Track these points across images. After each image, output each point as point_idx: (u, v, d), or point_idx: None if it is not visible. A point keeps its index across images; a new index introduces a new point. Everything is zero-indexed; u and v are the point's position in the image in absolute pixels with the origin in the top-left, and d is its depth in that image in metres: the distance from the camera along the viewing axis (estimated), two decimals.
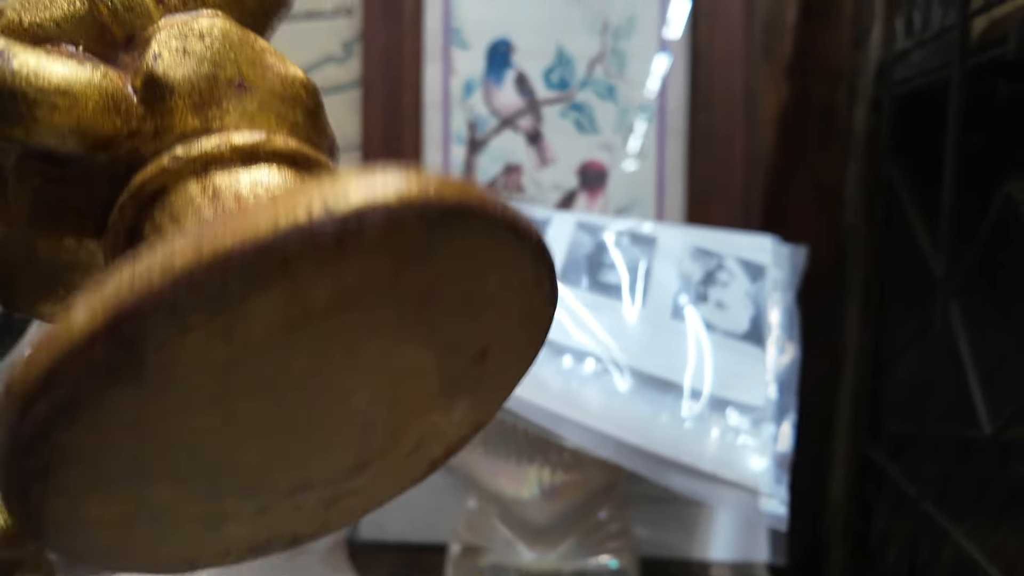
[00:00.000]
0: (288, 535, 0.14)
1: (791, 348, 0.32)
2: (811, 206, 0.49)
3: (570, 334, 0.31)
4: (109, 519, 0.11)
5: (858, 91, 0.47)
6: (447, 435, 0.14)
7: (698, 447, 0.28)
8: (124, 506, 0.11)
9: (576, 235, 0.36)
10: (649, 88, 0.48)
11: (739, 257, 0.35)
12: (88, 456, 0.10)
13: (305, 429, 0.12)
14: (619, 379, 0.29)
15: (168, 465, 0.11)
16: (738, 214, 0.47)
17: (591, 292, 0.33)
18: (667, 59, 0.48)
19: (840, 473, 0.47)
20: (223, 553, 0.13)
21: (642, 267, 0.34)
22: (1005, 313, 0.37)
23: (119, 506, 0.11)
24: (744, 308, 0.33)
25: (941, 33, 0.37)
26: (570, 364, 0.30)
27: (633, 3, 0.48)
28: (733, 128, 0.47)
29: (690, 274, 0.34)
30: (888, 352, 0.47)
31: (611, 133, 0.48)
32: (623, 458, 0.28)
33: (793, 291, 0.35)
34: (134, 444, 0.10)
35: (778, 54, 0.48)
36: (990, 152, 0.39)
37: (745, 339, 0.32)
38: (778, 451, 0.28)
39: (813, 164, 0.49)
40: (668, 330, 0.32)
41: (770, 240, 0.37)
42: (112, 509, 0.11)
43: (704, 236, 0.37)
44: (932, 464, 0.37)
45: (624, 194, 0.48)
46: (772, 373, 0.31)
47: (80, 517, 0.11)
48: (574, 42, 0.48)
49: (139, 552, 0.12)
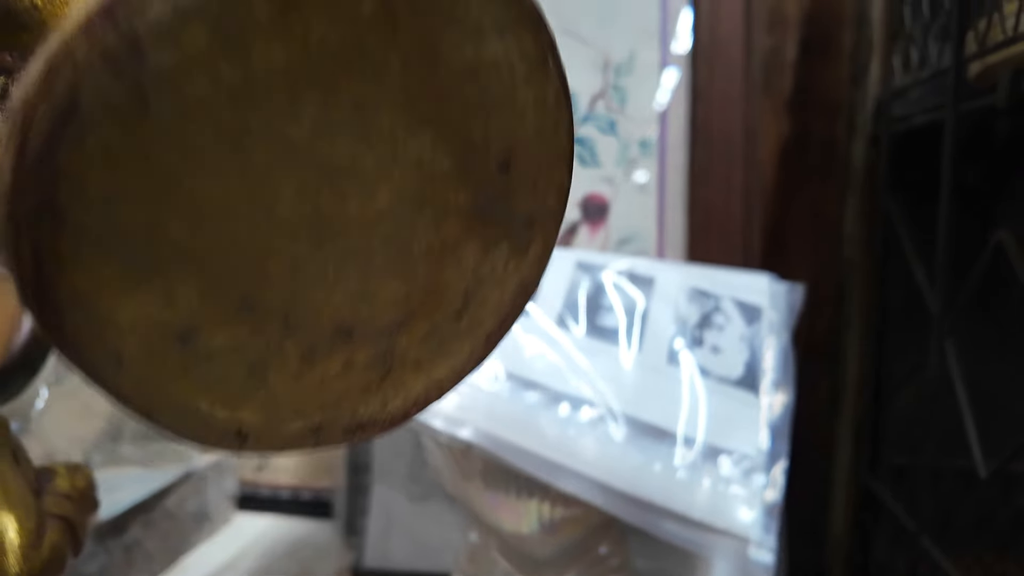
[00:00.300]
0: (346, 414, 0.13)
1: (785, 394, 0.33)
2: (811, 238, 0.49)
3: (568, 381, 0.31)
4: (130, 321, 0.10)
5: (857, 126, 0.47)
6: (494, 299, 0.14)
7: (689, 496, 0.28)
8: (146, 304, 0.10)
9: (575, 275, 0.37)
10: (650, 123, 0.48)
11: (736, 298, 0.36)
12: (98, 198, 0.09)
13: (332, 230, 0.11)
14: (614, 428, 0.30)
15: (190, 243, 0.10)
16: (738, 246, 0.48)
17: (589, 337, 0.34)
18: (668, 95, 0.48)
19: (840, 505, 0.48)
20: (273, 426, 0.12)
21: (639, 309, 0.35)
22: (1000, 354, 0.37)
23: (141, 302, 0.10)
24: (739, 352, 0.34)
25: (937, 74, 0.38)
26: (567, 412, 0.30)
27: (634, 41, 0.48)
28: (732, 163, 0.47)
29: (686, 317, 0.35)
30: (888, 384, 0.47)
31: (612, 167, 0.49)
32: (615, 506, 0.29)
33: (789, 332, 0.36)
34: (146, 197, 0.10)
35: (778, 89, 0.49)
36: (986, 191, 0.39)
37: (739, 385, 0.32)
38: (768, 500, 0.29)
39: (813, 197, 0.49)
40: (664, 376, 0.32)
41: (767, 279, 0.37)
42: (133, 304, 0.10)
43: (702, 276, 0.37)
44: (932, 497, 0.37)
45: (625, 226, 0.49)
46: (765, 420, 0.31)
47: (97, 310, 0.10)
48: (576, 78, 0.49)
49: (171, 394, 0.11)
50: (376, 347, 0.13)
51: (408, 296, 0.13)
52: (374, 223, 0.12)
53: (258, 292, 0.11)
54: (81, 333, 0.10)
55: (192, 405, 0.11)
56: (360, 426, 0.13)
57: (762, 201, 0.49)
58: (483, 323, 0.14)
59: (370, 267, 0.12)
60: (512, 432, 0.29)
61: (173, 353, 0.11)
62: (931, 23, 0.39)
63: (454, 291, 0.13)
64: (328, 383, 0.13)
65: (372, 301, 0.12)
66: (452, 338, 0.14)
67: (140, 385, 0.11)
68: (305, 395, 0.12)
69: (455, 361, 0.14)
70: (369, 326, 0.13)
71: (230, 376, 0.12)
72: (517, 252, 0.14)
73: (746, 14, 0.47)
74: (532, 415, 0.30)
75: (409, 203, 0.12)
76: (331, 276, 0.12)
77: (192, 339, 0.11)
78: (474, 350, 0.14)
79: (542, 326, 0.34)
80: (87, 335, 0.10)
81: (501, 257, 0.14)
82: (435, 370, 0.14)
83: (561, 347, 0.33)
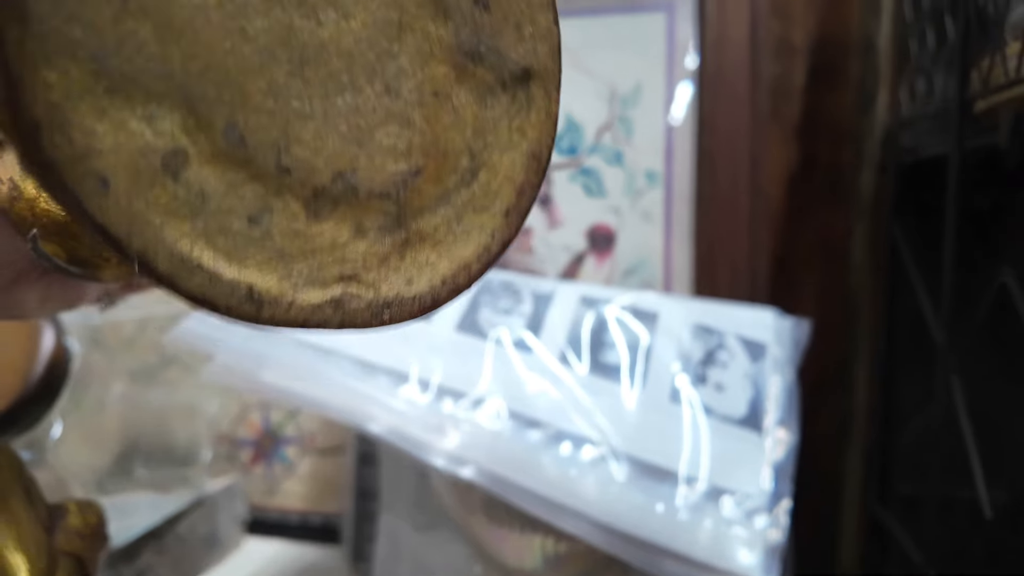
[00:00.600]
0: (368, 289, 0.13)
1: (789, 433, 0.33)
2: (818, 265, 0.49)
3: (570, 419, 0.32)
4: (112, 143, 0.10)
5: (865, 154, 0.47)
6: (505, 165, 0.14)
7: (691, 536, 0.28)
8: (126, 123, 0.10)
9: (579, 310, 0.37)
10: (656, 154, 0.49)
11: (740, 335, 0.36)
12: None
13: (310, 53, 0.11)
14: (616, 468, 0.30)
15: (162, 54, 0.10)
16: (744, 275, 0.48)
17: (592, 374, 0.34)
18: (674, 126, 0.49)
19: (849, 535, 0.47)
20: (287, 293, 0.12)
21: (643, 346, 0.35)
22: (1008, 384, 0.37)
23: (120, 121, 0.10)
24: (743, 390, 0.34)
25: (942, 110, 0.38)
26: (569, 451, 0.30)
27: (640, 73, 0.49)
28: (738, 192, 0.47)
29: (690, 353, 0.35)
30: (898, 413, 0.46)
31: (619, 197, 0.49)
32: (616, 546, 0.29)
33: (794, 368, 0.36)
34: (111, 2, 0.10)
35: (786, 116, 0.49)
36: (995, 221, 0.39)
37: (743, 424, 0.32)
38: (771, 540, 0.29)
39: (820, 225, 0.49)
40: (666, 415, 0.32)
41: (772, 315, 0.37)
42: (112, 124, 0.10)
43: (706, 311, 0.38)
44: (941, 528, 0.37)
45: (632, 256, 0.49)
46: (769, 460, 0.31)
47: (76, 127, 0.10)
48: (583, 110, 0.49)
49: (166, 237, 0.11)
50: (385, 208, 0.13)
51: (409, 147, 0.13)
52: (353, 50, 0.12)
53: (243, 120, 0.11)
54: (61, 153, 0.10)
55: (192, 254, 0.11)
56: (386, 304, 0.13)
57: (769, 229, 0.49)
58: (499, 194, 0.14)
59: (359, 104, 0.12)
60: (514, 471, 0.30)
61: (162, 184, 0.11)
62: (936, 55, 0.39)
63: (457, 147, 0.13)
64: (343, 248, 0.12)
65: (369, 146, 0.12)
66: (468, 211, 0.14)
67: (131, 219, 0.10)
68: (318, 260, 0.12)
69: (477, 239, 0.14)
70: (372, 179, 0.12)
71: (229, 225, 0.11)
72: (518, 110, 0.14)
73: (752, 42, 0.47)
74: (534, 454, 0.30)
75: (386, 29, 0.12)
76: (317, 110, 0.12)
77: (180, 170, 0.11)
78: (495, 228, 0.14)
79: (545, 363, 0.34)
80: (68, 156, 0.10)
81: (501, 112, 0.14)
82: (457, 248, 0.14)
83: (564, 384, 0.33)
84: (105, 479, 0.46)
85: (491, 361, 0.34)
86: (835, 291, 0.49)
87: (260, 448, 0.54)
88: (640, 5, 0.48)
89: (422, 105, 0.13)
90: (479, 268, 0.14)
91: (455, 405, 0.32)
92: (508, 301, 0.37)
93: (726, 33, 0.47)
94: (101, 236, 0.10)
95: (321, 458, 0.53)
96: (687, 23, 0.48)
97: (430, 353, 0.34)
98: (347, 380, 0.32)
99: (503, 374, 0.33)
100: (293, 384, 0.33)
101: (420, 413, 0.31)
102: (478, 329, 0.35)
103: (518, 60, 0.14)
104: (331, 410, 0.32)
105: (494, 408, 0.32)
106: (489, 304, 0.37)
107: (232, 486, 0.51)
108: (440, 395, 0.32)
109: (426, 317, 0.14)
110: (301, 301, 0.12)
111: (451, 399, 0.32)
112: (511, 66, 0.14)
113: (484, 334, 0.35)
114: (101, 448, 0.46)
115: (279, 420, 0.54)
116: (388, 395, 0.32)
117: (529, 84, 0.14)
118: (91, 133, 0.10)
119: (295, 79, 0.11)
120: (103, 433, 0.46)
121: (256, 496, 0.54)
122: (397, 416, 0.31)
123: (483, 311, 0.37)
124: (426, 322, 0.36)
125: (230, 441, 0.55)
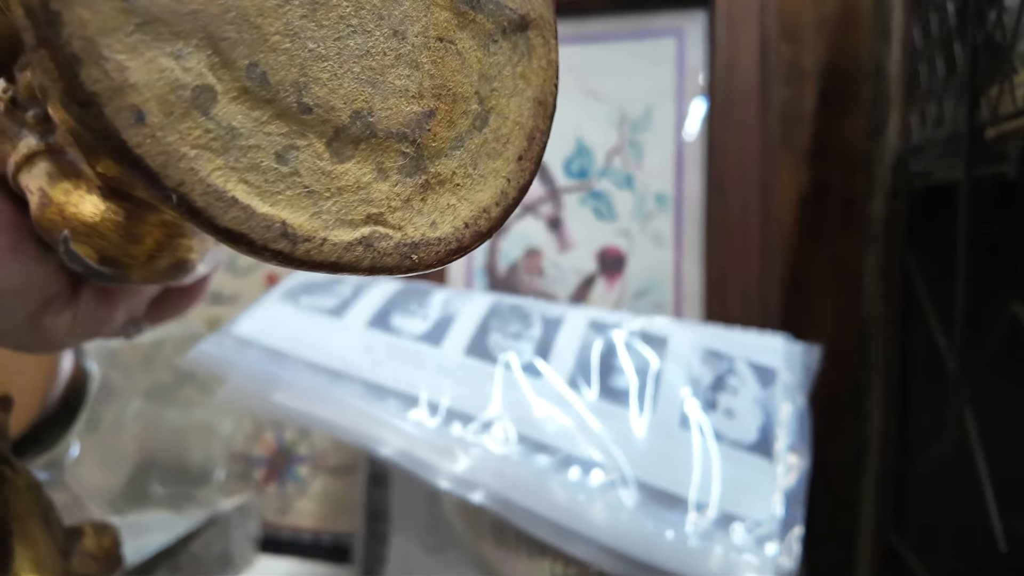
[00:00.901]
0: (394, 230, 0.13)
1: (800, 459, 0.32)
2: (830, 291, 0.49)
3: (579, 444, 0.32)
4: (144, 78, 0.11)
5: (876, 179, 0.47)
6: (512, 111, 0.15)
7: (701, 564, 0.28)
8: (157, 60, 0.11)
9: (588, 335, 0.37)
10: (666, 178, 0.49)
11: (750, 360, 0.36)
12: None
13: None
14: (625, 493, 0.30)
15: None
16: (755, 299, 0.47)
17: (601, 399, 0.34)
18: (686, 142, 0.49)
19: (864, 563, 0.47)
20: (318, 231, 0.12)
21: (652, 371, 0.35)
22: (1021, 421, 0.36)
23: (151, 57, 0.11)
24: (753, 416, 0.33)
25: (952, 137, 0.38)
26: (577, 476, 0.31)
27: (650, 97, 0.49)
28: (748, 216, 0.48)
29: (700, 378, 0.35)
30: (914, 439, 0.46)
31: (629, 220, 0.49)
32: (626, 573, 0.29)
33: (805, 394, 0.36)
34: None
35: (796, 141, 0.49)
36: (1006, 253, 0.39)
37: (753, 450, 0.32)
38: (782, 568, 0.29)
39: (832, 250, 0.49)
40: (676, 440, 0.32)
41: (782, 341, 0.37)
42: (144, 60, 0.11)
43: (716, 336, 0.38)
44: (957, 559, 0.36)
45: (642, 279, 0.49)
46: (780, 487, 0.31)
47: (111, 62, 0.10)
48: (593, 134, 0.50)
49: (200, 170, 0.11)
50: (404, 150, 0.13)
51: (420, 89, 0.14)
52: None
53: (264, 59, 0.12)
54: (100, 86, 0.11)
55: (226, 189, 0.12)
56: (414, 245, 0.13)
57: (781, 253, 0.49)
58: (510, 139, 0.15)
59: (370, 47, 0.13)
60: (522, 496, 0.30)
61: (193, 118, 0.11)
62: (946, 82, 0.39)
63: (466, 91, 0.14)
64: (367, 188, 0.13)
65: (383, 88, 0.13)
66: (482, 154, 0.14)
67: (166, 152, 0.11)
68: (345, 199, 0.13)
69: (494, 184, 0.15)
70: (389, 120, 0.13)
71: (259, 161, 0.12)
72: (520, 57, 0.15)
73: (762, 66, 0.48)
74: (542, 479, 0.30)
75: None
76: (331, 52, 0.12)
77: (210, 106, 0.11)
78: (510, 173, 0.15)
79: (554, 387, 0.34)
80: (105, 88, 0.11)
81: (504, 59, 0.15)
82: (475, 192, 0.14)
83: (573, 409, 0.33)
84: (120, 498, 0.47)
85: (500, 385, 0.34)
86: (848, 317, 0.49)
87: (273, 466, 0.55)
88: (650, 31, 0.49)
89: (428, 49, 0.14)
90: (499, 213, 0.15)
91: (464, 429, 0.32)
92: (518, 325, 0.37)
93: (736, 57, 0.48)
94: (137, 171, 0.11)
95: (333, 477, 0.53)
96: (697, 48, 0.49)
97: (439, 376, 0.34)
98: (357, 403, 0.33)
99: (512, 398, 0.33)
100: (304, 406, 0.33)
101: (429, 436, 0.32)
102: (487, 353, 0.36)
103: (515, 8, 0.15)
104: (342, 432, 0.32)
105: (503, 432, 0.32)
106: (499, 328, 0.37)
107: (245, 505, 0.51)
108: (449, 418, 0.33)
109: (453, 260, 0.14)
110: (333, 238, 0.13)
111: (460, 423, 0.32)
112: (509, 14, 0.15)
113: (493, 358, 0.35)
114: (118, 467, 0.47)
115: (293, 438, 0.54)
116: (397, 418, 0.32)
117: (527, 32, 0.15)
118: (125, 68, 0.11)
119: (308, 21, 0.12)
120: (120, 452, 0.47)
121: (269, 514, 0.54)
122: (406, 439, 0.31)
123: (493, 335, 0.37)
124: (436, 345, 0.36)
125: (244, 459, 0.55)
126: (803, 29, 0.49)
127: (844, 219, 0.49)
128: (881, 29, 0.46)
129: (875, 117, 0.47)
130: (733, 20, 0.47)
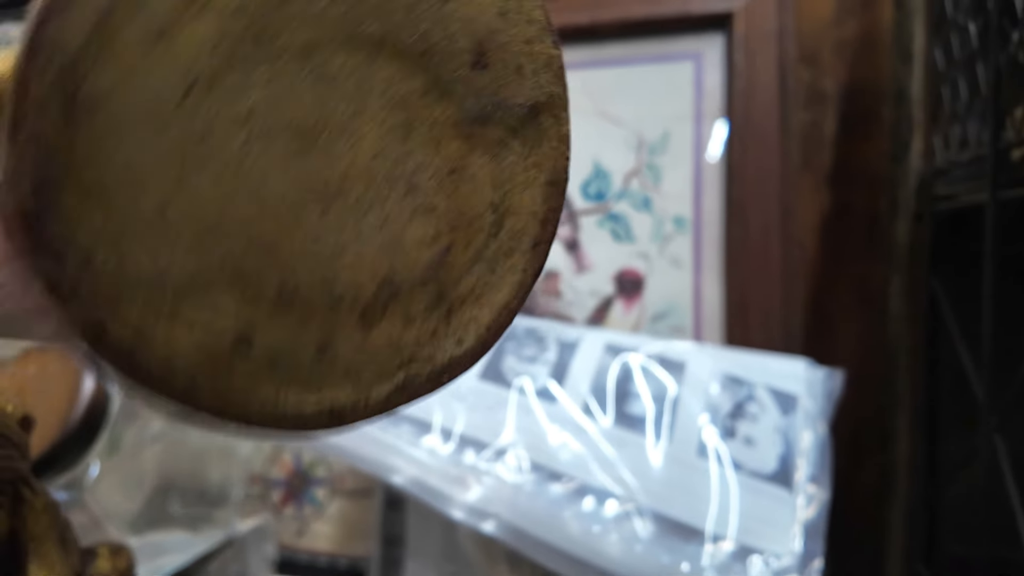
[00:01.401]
0: (425, 365, 0.13)
1: (821, 490, 0.32)
2: (855, 315, 0.48)
3: (593, 472, 0.31)
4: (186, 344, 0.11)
5: (899, 203, 0.46)
6: (526, 203, 0.14)
7: None
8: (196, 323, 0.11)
9: (603, 358, 0.37)
10: (684, 200, 0.49)
11: (770, 386, 0.35)
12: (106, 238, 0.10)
13: (332, 189, 0.12)
14: (640, 524, 0.29)
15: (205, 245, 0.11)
16: (777, 323, 0.47)
17: (616, 426, 0.33)
18: (702, 173, 0.49)
19: None
20: (361, 397, 0.13)
21: (670, 396, 0.35)
22: None
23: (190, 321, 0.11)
24: (773, 445, 0.33)
25: (976, 159, 0.37)
26: (591, 506, 0.30)
27: (668, 120, 0.49)
28: (769, 240, 0.47)
29: (719, 405, 0.34)
30: (944, 467, 0.45)
31: (647, 242, 0.49)
32: None
33: (827, 422, 0.35)
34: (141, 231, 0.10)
35: (818, 164, 0.49)
36: None
37: (772, 480, 0.32)
38: None
39: (856, 274, 0.48)
40: (693, 470, 0.32)
41: (803, 365, 0.37)
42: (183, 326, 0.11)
43: (735, 361, 0.37)
44: None
45: (661, 302, 0.49)
46: (800, 519, 0.30)
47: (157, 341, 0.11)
48: (611, 157, 0.50)
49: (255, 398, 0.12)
50: (427, 292, 0.13)
51: (436, 232, 0.13)
52: (370, 166, 0.12)
53: (292, 273, 0.12)
54: (155, 367, 0.11)
55: (280, 401, 0.12)
56: (444, 368, 0.13)
57: (804, 277, 0.48)
58: (524, 232, 0.14)
59: (387, 214, 0.12)
60: (535, 526, 0.29)
61: (241, 357, 0.11)
62: (970, 103, 0.39)
63: (480, 209, 0.14)
64: (397, 341, 0.13)
65: (403, 247, 0.13)
66: (499, 257, 0.14)
67: (222, 400, 0.11)
68: (381, 359, 0.13)
69: (512, 279, 0.14)
70: (411, 273, 0.13)
71: (301, 362, 0.12)
72: (532, 147, 0.14)
73: (781, 90, 0.47)
74: (556, 509, 0.30)
75: (396, 134, 0.12)
76: (352, 236, 0.12)
77: (252, 339, 0.11)
78: (527, 263, 0.14)
79: (569, 413, 0.34)
80: (159, 367, 0.11)
81: (516, 158, 0.14)
82: (496, 295, 0.14)
83: (587, 436, 0.33)
84: (139, 519, 0.47)
85: (514, 411, 0.34)
86: (873, 342, 0.48)
87: (291, 489, 0.55)
88: (668, 55, 0.49)
89: (442, 188, 0.13)
90: (518, 304, 0.14)
91: (477, 456, 0.32)
92: (533, 349, 0.37)
93: (754, 81, 0.48)
94: (197, 421, 0.11)
95: (350, 500, 0.53)
96: (715, 71, 0.49)
97: (453, 401, 0.34)
98: (370, 429, 0.33)
99: (526, 424, 0.33)
100: None
101: (442, 464, 0.31)
102: (502, 377, 0.36)
103: (524, 101, 0.14)
104: (355, 459, 0.32)
105: (516, 460, 0.32)
106: (513, 351, 0.37)
107: (262, 526, 0.51)
108: (462, 445, 0.32)
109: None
110: (373, 400, 0.13)
111: (473, 449, 0.32)
112: (518, 111, 0.14)
113: (508, 383, 0.35)
114: (137, 488, 0.47)
115: (311, 460, 0.54)
116: (411, 445, 0.32)
117: (538, 118, 0.14)
118: (172, 340, 0.11)
119: (327, 217, 0.12)
120: (140, 473, 0.47)
121: (286, 537, 0.54)
122: (419, 467, 0.31)
123: (507, 358, 0.37)
124: None
125: (263, 481, 0.55)
126: (822, 52, 0.49)
127: (867, 242, 0.48)
128: (902, 51, 0.45)
129: (898, 140, 0.47)
130: (751, 44, 0.47)
